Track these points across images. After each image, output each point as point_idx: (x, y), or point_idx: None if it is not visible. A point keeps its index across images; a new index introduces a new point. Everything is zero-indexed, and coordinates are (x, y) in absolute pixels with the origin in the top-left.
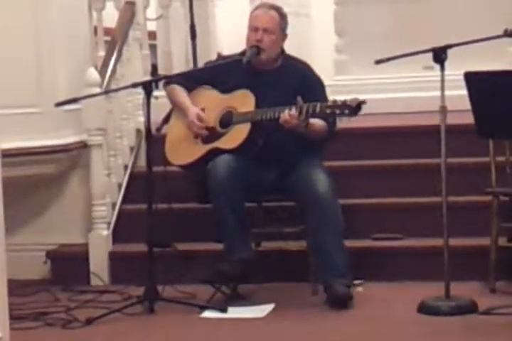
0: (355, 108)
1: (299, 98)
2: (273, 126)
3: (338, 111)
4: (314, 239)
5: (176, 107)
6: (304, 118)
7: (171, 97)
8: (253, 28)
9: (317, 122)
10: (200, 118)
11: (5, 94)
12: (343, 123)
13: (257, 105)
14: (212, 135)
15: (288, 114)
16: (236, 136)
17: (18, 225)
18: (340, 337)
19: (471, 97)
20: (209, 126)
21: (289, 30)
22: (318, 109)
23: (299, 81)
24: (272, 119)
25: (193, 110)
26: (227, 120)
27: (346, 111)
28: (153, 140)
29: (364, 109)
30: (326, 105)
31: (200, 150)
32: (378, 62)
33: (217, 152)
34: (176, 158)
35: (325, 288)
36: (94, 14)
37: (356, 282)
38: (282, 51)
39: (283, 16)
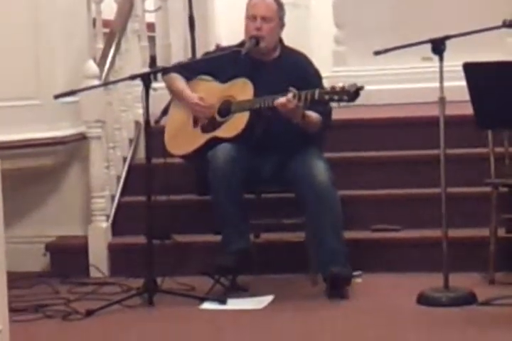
0: (353, 93)
1: (291, 88)
2: (272, 114)
3: (336, 97)
4: (313, 230)
5: (175, 95)
6: (303, 105)
7: (169, 85)
8: (251, 17)
9: (312, 114)
10: (202, 100)
11: (3, 86)
12: (339, 106)
13: (256, 95)
14: (211, 124)
15: (285, 98)
16: (235, 124)
17: (17, 217)
18: (339, 328)
19: (469, 88)
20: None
21: (288, 22)
22: (316, 96)
23: (297, 72)
24: (270, 107)
25: (193, 94)
26: (226, 109)
27: (345, 97)
28: (152, 132)
29: (363, 100)
30: (324, 91)
31: (200, 139)
32: (377, 53)
33: (217, 141)
34: (175, 148)
35: (324, 277)
36: (93, 6)
37: (355, 273)
38: (280, 41)
39: (280, 5)
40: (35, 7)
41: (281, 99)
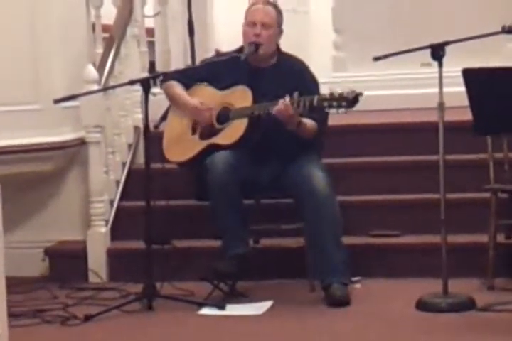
0: (352, 100)
1: (295, 94)
2: (270, 121)
3: (335, 104)
4: (312, 235)
5: (174, 102)
6: (302, 112)
7: (168, 93)
8: (251, 24)
9: (308, 121)
10: (201, 104)
11: (2, 91)
12: (342, 113)
13: (254, 102)
14: (209, 131)
15: (283, 104)
16: (233, 131)
17: (16, 222)
18: (338, 334)
19: (469, 94)
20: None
21: (287, 27)
22: (315, 102)
23: (295, 78)
24: (269, 114)
25: (193, 99)
26: (225, 116)
27: (344, 104)
28: (151, 137)
29: (362, 106)
30: (323, 98)
31: (198, 146)
32: (376, 59)
33: (215, 148)
34: (173, 155)
35: (323, 287)
36: (92, 11)
37: (354, 279)
38: (278, 48)
39: (279, 12)
40: (34, 12)
41: (279, 107)
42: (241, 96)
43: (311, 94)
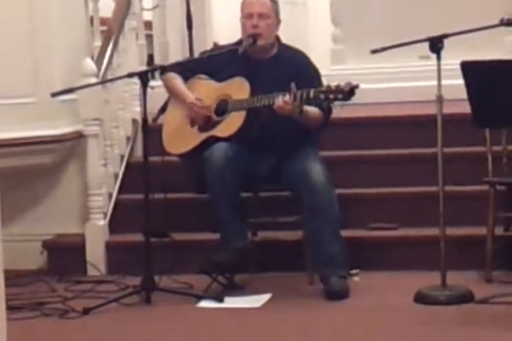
0: (348, 92)
1: (292, 84)
2: (269, 113)
3: (331, 96)
4: (310, 228)
5: (173, 94)
6: (298, 105)
7: (167, 85)
8: (248, 15)
9: (312, 110)
10: (199, 100)
11: (0, 84)
12: (339, 109)
13: (253, 94)
14: (208, 123)
15: (282, 100)
16: (232, 123)
17: (14, 215)
18: (337, 326)
19: (467, 87)
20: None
21: (285, 20)
22: (312, 95)
23: (295, 69)
24: (267, 106)
25: (190, 94)
26: (223, 108)
27: (340, 96)
28: (149, 130)
29: (360, 99)
30: (319, 90)
31: (197, 138)
32: (374, 51)
33: (214, 140)
34: (173, 147)
35: (321, 279)
36: (91, 4)
37: (352, 271)
38: (278, 39)
39: (274, 1)
40: (32, 5)
41: (278, 103)
42: (239, 88)
43: (312, 85)
